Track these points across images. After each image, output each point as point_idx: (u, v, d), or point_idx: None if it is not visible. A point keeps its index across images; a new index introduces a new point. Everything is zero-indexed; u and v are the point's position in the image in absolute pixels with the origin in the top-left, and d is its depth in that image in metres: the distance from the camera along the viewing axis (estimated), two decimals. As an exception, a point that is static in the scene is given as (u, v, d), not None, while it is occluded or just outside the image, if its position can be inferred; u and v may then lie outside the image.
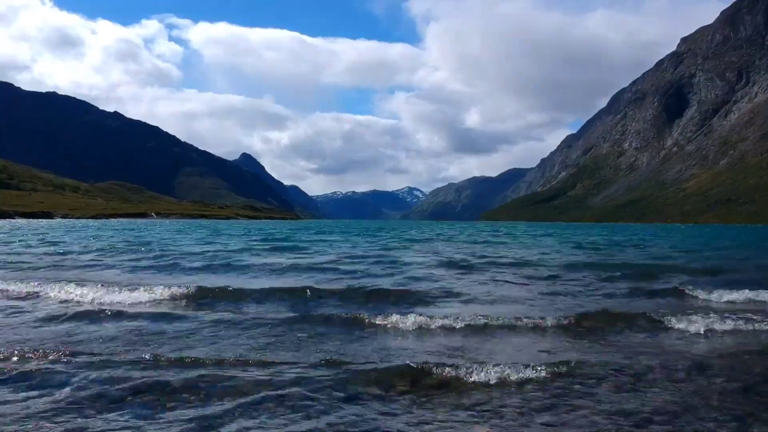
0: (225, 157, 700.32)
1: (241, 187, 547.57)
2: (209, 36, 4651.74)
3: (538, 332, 7.51)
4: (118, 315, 8.19)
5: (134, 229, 52.90)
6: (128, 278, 12.70)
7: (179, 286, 10.29)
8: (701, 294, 10.90)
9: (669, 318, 8.16)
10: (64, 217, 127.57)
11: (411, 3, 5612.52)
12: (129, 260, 17.31)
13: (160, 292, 9.88)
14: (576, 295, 10.95)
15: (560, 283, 12.87)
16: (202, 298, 9.79)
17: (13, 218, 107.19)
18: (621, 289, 11.82)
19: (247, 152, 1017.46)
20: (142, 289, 10.06)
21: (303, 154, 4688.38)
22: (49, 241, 27.46)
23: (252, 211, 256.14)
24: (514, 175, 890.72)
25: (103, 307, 8.66)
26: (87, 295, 9.78)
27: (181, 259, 17.44)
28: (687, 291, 11.25)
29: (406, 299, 10.02)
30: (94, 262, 16.36)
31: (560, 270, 15.49)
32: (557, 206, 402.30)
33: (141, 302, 9.40)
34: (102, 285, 10.53)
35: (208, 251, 21.47)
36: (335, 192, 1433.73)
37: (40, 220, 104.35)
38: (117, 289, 10.19)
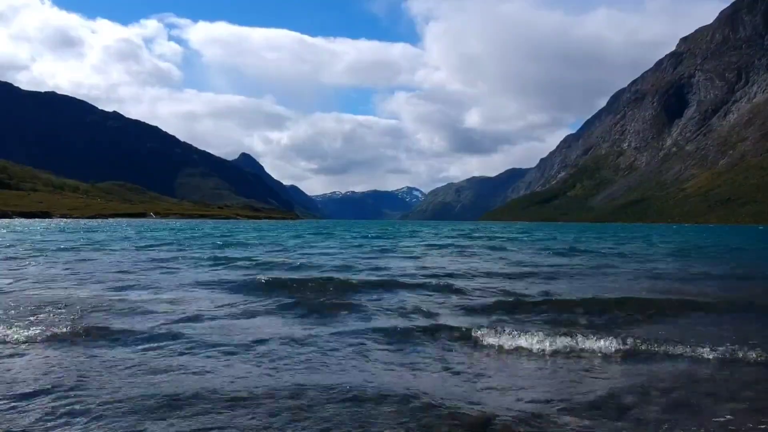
0: (225, 158, 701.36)
1: (241, 188, 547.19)
2: (209, 36, 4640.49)
3: None
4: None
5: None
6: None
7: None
8: None
9: None
10: (63, 217, 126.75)
11: (411, 3, 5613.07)
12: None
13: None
14: None
15: None
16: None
17: (12, 218, 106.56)
18: None
19: (247, 152, 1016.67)
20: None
21: (303, 154, 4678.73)
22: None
23: (252, 212, 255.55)
24: (513, 176, 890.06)
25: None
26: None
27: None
28: None
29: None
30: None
31: None
32: (557, 206, 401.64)
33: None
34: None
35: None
36: (335, 192, 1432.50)
37: (45, 220, 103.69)
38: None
